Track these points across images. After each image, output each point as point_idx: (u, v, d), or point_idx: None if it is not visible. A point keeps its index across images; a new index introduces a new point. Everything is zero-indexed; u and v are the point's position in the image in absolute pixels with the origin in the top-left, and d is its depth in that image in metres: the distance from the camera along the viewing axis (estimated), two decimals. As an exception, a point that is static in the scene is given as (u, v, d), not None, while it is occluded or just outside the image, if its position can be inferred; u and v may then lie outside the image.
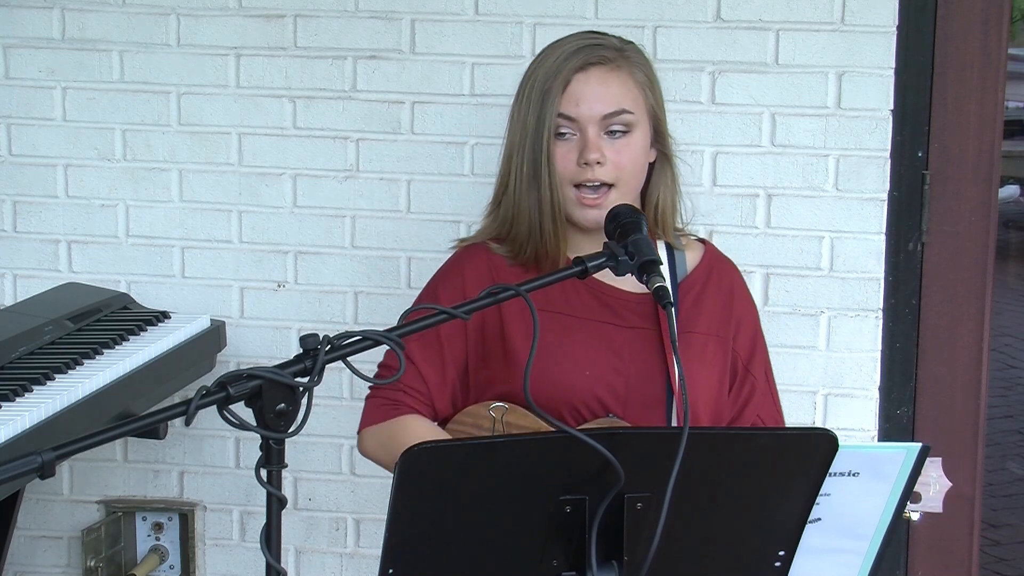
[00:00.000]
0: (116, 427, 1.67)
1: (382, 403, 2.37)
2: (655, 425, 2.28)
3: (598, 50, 2.31)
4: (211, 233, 3.39)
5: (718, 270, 2.45)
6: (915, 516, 2.24)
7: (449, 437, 2.31)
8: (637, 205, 2.34)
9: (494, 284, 2.26)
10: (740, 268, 2.46)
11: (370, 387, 2.40)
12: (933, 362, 3.30)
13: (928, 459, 1.96)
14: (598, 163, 2.28)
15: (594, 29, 2.47)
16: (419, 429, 2.30)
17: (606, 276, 2.16)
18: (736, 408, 2.40)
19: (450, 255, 2.48)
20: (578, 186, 2.30)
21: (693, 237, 2.49)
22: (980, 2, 3.20)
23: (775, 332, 3.26)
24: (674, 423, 2.30)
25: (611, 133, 2.29)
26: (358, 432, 2.43)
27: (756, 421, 2.41)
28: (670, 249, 2.41)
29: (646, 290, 2.33)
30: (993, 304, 3.31)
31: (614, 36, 2.39)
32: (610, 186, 2.30)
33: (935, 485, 2.19)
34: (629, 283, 2.26)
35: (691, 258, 2.45)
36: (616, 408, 2.29)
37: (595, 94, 2.28)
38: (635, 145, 2.31)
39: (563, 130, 2.28)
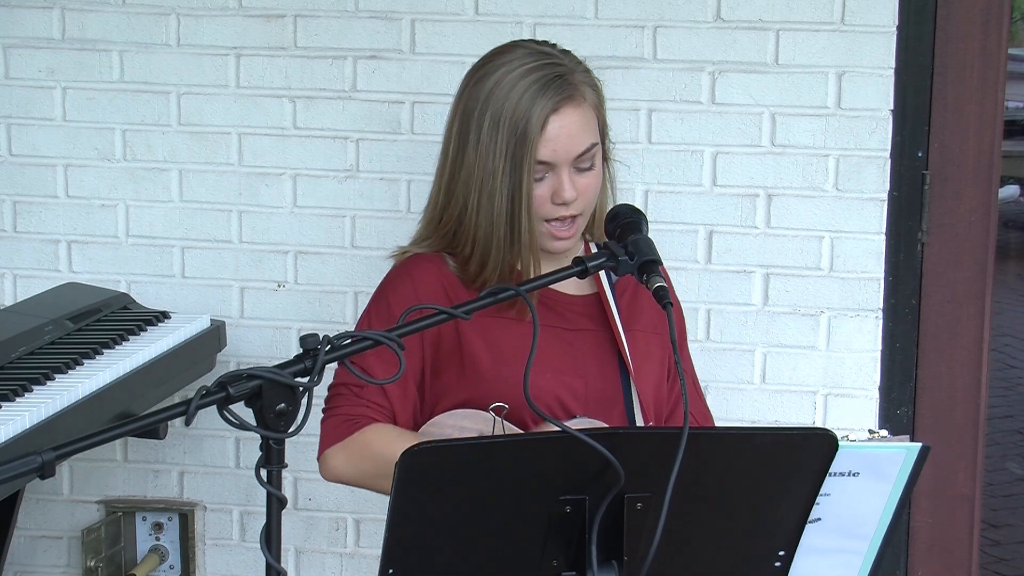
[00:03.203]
0: (116, 427, 1.67)
1: (344, 420, 2.29)
2: (617, 422, 2.29)
3: (561, 83, 2.25)
4: (211, 233, 3.39)
5: None
6: None
7: (416, 438, 2.27)
8: None
9: (448, 298, 2.25)
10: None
11: (324, 409, 2.32)
12: (933, 362, 3.30)
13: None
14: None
15: (539, 40, 2.37)
16: (390, 433, 2.26)
17: None
18: (671, 403, 2.42)
19: (394, 265, 2.40)
20: (548, 219, 2.30)
21: None
22: (980, 2, 3.20)
23: (775, 332, 3.26)
24: (637, 418, 2.32)
25: (579, 169, 2.28)
26: (319, 456, 2.32)
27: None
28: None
29: (588, 292, 2.37)
30: (993, 304, 3.31)
31: (550, 45, 2.33)
32: (577, 215, 2.30)
33: None
34: (571, 286, 2.28)
35: None
36: (577, 408, 2.29)
37: (568, 136, 2.24)
38: (598, 172, 2.31)
39: (539, 175, 2.26)
